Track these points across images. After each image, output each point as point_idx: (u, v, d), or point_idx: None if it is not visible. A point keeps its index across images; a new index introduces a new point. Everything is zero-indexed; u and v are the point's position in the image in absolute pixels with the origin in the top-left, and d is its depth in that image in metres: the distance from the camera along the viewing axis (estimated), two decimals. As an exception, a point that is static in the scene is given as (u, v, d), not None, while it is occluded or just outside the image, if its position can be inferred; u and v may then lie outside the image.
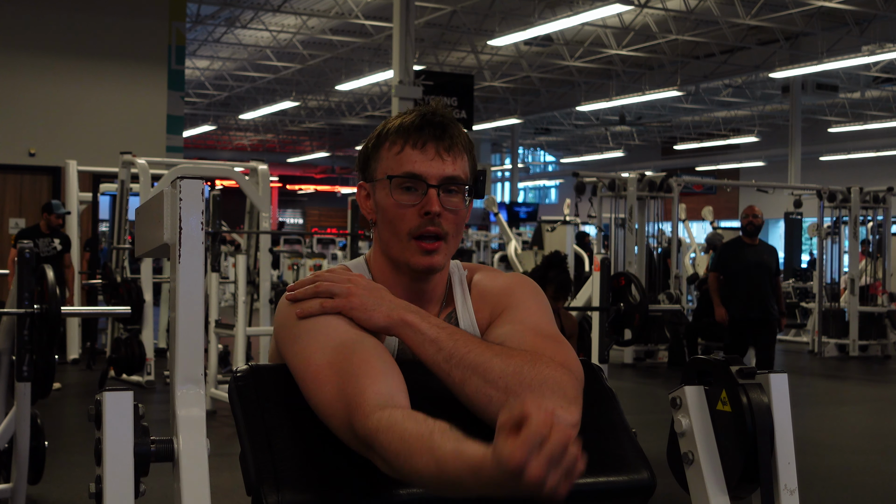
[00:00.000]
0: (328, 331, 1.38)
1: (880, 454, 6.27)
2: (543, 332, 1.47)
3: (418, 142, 1.48)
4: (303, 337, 1.38)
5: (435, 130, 1.49)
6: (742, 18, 15.28)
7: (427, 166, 1.47)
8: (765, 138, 26.87)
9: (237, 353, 7.09)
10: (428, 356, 1.37)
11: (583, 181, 11.10)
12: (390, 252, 1.52)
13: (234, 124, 30.92)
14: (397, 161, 1.48)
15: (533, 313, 1.51)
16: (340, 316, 1.40)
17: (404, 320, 1.40)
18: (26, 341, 3.33)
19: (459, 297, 1.58)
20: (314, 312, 1.40)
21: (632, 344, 9.45)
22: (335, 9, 16.20)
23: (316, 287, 1.43)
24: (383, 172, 1.50)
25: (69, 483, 4.93)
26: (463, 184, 1.50)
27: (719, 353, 8.86)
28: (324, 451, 1.32)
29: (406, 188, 1.48)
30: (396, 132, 1.50)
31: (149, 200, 1.50)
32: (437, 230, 1.48)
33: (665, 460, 1.56)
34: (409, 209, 1.48)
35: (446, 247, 1.50)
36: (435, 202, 1.47)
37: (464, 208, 1.51)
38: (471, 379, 1.34)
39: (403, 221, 1.48)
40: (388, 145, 1.51)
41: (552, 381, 1.34)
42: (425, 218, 1.47)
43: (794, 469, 1.50)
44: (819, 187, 12.71)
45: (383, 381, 1.30)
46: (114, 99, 11.97)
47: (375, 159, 1.52)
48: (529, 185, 38.81)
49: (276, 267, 15.43)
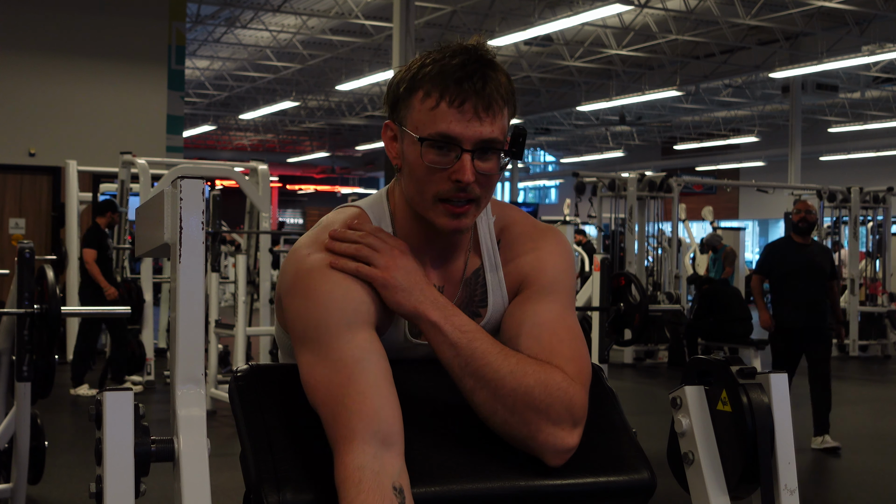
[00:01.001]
0: (337, 338, 1.33)
1: (880, 454, 6.27)
2: (561, 330, 1.43)
3: (456, 99, 1.34)
4: (309, 330, 1.35)
5: (475, 84, 1.34)
6: (742, 18, 15.27)
7: (463, 127, 1.34)
8: (765, 138, 26.87)
9: (237, 353, 7.10)
10: (445, 358, 1.38)
11: (583, 181, 11.10)
12: (415, 206, 1.42)
13: (234, 124, 30.91)
14: (431, 117, 1.35)
15: (556, 303, 1.45)
16: (352, 313, 1.35)
17: (429, 317, 1.37)
18: (26, 341, 3.33)
19: (487, 249, 1.51)
20: (348, 270, 1.37)
21: (632, 344, 9.43)
22: (335, 9, 16.19)
23: (358, 249, 1.38)
24: (413, 125, 1.37)
25: (69, 483, 4.93)
26: (500, 145, 1.38)
27: (719, 353, 8.85)
28: (324, 451, 1.32)
29: (438, 148, 1.36)
30: (433, 80, 1.36)
31: (149, 200, 1.50)
32: (468, 195, 1.38)
33: (665, 460, 1.56)
34: (439, 172, 1.36)
35: (476, 209, 1.40)
36: (468, 169, 1.35)
37: (497, 172, 1.39)
38: (481, 391, 1.35)
39: (431, 184, 1.37)
40: (421, 94, 1.37)
41: (559, 403, 1.35)
42: (456, 184, 1.36)
43: (794, 469, 1.50)
44: (819, 187, 12.72)
45: (375, 421, 1.27)
46: (114, 99, 11.97)
47: (406, 105, 1.39)
48: (529, 185, 38.80)
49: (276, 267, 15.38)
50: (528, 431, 1.35)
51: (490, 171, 1.38)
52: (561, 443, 1.35)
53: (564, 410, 1.35)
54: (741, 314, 9.21)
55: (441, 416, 1.43)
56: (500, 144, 1.38)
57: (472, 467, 1.37)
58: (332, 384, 1.31)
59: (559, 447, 1.35)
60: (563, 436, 1.35)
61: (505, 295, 1.50)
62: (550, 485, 1.39)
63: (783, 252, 6.57)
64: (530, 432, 1.35)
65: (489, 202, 1.47)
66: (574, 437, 1.36)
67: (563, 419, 1.35)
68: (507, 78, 1.40)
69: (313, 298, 1.36)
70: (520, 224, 1.53)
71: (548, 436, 1.35)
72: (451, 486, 1.34)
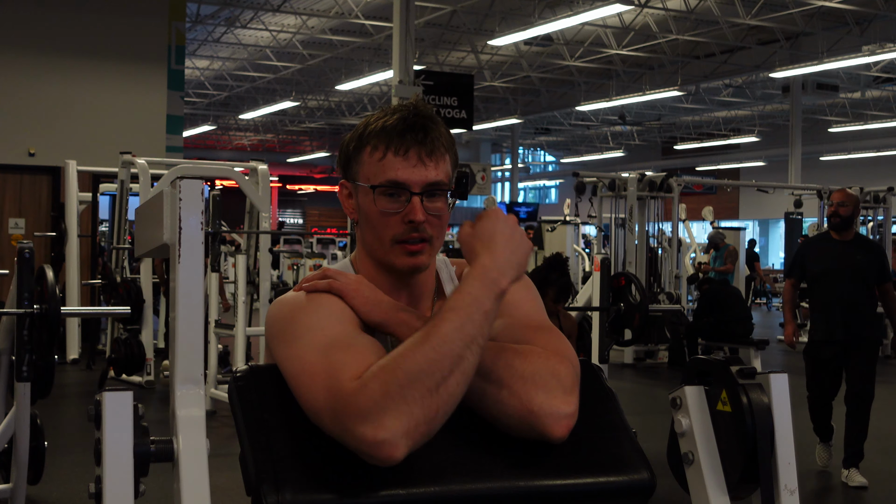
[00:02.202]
0: (324, 329, 1.38)
1: (880, 454, 6.27)
2: (534, 323, 1.48)
3: (400, 148, 1.47)
4: (299, 337, 1.38)
5: (416, 134, 1.47)
6: (742, 18, 15.28)
7: (409, 173, 1.46)
8: (765, 138, 26.88)
9: (237, 353, 7.10)
10: None
11: (583, 181, 11.11)
12: (374, 254, 1.53)
13: (233, 124, 30.94)
14: (380, 167, 1.48)
15: (523, 305, 1.52)
16: (339, 313, 1.42)
17: (399, 318, 1.44)
18: (26, 341, 3.33)
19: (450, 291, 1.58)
20: (321, 289, 1.45)
21: (632, 344, 9.45)
22: (335, 9, 16.20)
23: (327, 283, 1.47)
24: (365, 178, 1.50)
25: (69, 483, 4.93)
26: (446, 187, 1.50)
27: (720, 353, 8.84)
28: (324, 451, 1.32)
29: (389, 195, 1.48)
30: (378, 136, 1.49)
31: (148, 200, 1.50)
32: (421, 235, 1.49)
33: (665, 460, 1.56)
34: (392, 217, 1.48)
35: (430, 248, 1.51)
36: (419, 210, 1.46)
37: (447, 211, 1.51)
38: None
39: (387, 228, 1.49)
40: (369, 149, 1.50)
41: (546, 370, 1.36)
42: (409, 225, 1.47)
43: (794, 469, 1.50)
44: (819, 187, 12.73)
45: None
46: (114, 99, 11.97)
47: (357, 161, 1.52)
48: (529, 185, 38.83)
49: (275, 267, 15.41)
50: (520, 402, 1.34)
51: (439, 210, 1.50)
52: (557, 408, 1.34)
53: (551, 377, 1.36)
54: (741, 314, 9.21)
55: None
56: (446, 186, 1.50)
57: (472, 467, 1.37)
58: (324, 360, 1.32)
59: (557, 412, 1.34)
60: (556, 403, 1.34)
61: None
62: (550, 485, 1.38)
63: (816, 250, 5.68)
64: (522, 402, 1.34)
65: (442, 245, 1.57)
66: (568, 403, 1.35)
67: (552, 387, 1.35)
68: (447, 129, 1.54)
69: (300, 317, 1.42)
70: None
71: (542, 402, 1.34)
72: (451, 487, 1.34)
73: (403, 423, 1.24)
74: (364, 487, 1.30)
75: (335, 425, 1.28)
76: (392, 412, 1.24)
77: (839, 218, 5.53)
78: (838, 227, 5.57)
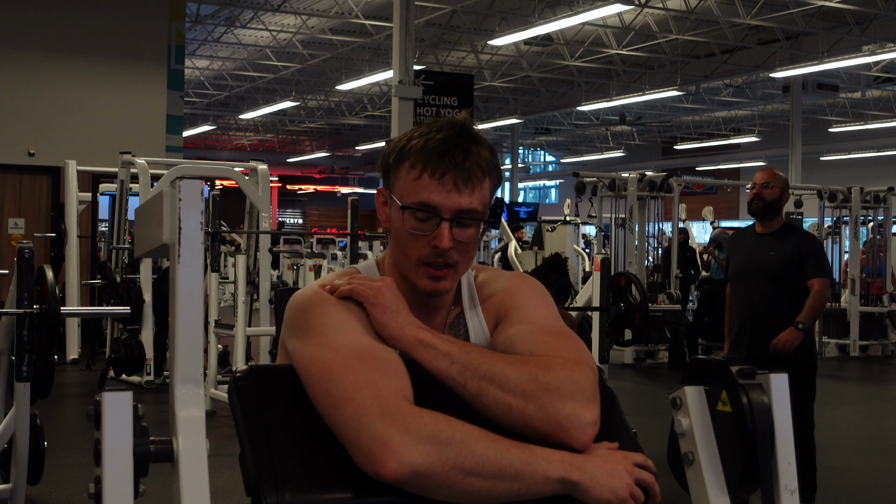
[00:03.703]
0: (358, 330, 1.40)
1: (880, 454, 6.27)
2: (552, 329, 1.48)
3: (437, 170, 1.45)
4: (331, 328, 1.40)
5: (456, 158, 1.45)
6: (742, 18, 15.27)
7: (442, 198, 1.45)
8: (765, 138, 26.88)
9: (237, 353, 7.10)
10: (441, 370, 1.38)
11: (583, 181, 11.10)
12: (400, 268, 1.54)
13: (233, 124, 30.94)
14: (414, 187, 1.47)
15: (539, 311, 1.52)
16: (364, 325, 1.42)
17: (417, 337, 1.41)
18: (26, 341, 3.33)
19: (467, 298, 1.60)
20: (342, 292, 1.45)
21: (632, 344, 9.45)
22: (335, 8, 16.20)
23: (350, 285, 1.46)
24: (399, 194, 1.49)
25: (69, 483, 4.93)
26: (479, 216, 1.48)
27: (720, 353, 8.84)
28: (324, 451, 1.32)
29: (419, 218, 1.47)
30: (418, 154, 1.47)
31: (148, 200, 1.49)
32: (446, 260, 1.48)
33: (665, 460, 1.56)
34: (420, 238, 1.48)
35: (455, 273, 1.51)
36: (446, 237, 1.46)
37: (476, 240, 1.50)
38: (487, 389, 1.36)
39: (413, 248, 1.49)
40: (407, 166, 1.48)
41: (570, 381, 1.36)
42: (435, 250, 1.47)
43: (794, 469, 1.50)
44: (819, 187, 12.71)
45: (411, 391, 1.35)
46: (113, 99, 11.97)
47: (395, 175, 1.51)
48: (529, 185, 38.81)
49: (275, 267, 15.38)
50: (546, 413, 1.34)
51: (468, 238, 1.49)
52: (583, 418, 1.35)
53: (574, 387, 1.36)
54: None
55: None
56: (479, 215, 1.48)
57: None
58: (364, 357, 1.35)
59: (583, 420, 1.34)
60: (581, 413, 1.35)
61: (485, 326, 1.58)
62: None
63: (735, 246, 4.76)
64: (548, 413, 1.34)
65: (468, 269, 1.57)
66: (592, 411, 1.36)
67: (576, 395, 1.35)
68: (491, 151, 1.51)
69: (317, 313, 1.43)
70: (492, 274, 1.65)
71: (569, 413, 1.34)
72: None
73: (423, 461, 1.25)
74: (364, 487, 1.30)
75: (368, 423, 1.28)
76: (424, 448, 1.26)
77: (762, 202, 4.49)
78: (760, 214, 4.53)
